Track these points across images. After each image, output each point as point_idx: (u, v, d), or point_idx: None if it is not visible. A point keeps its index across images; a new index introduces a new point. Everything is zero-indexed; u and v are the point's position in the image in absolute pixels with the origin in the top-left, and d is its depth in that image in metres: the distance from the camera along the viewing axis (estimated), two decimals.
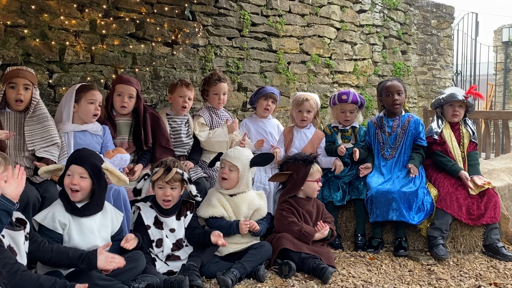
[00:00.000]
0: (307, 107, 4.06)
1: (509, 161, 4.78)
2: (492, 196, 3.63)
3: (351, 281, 3.08)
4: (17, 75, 3.16)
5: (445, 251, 3.49)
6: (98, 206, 2.78)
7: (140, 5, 4.50)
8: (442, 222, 3.57)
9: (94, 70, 4.26)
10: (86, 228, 2.70)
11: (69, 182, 2.69)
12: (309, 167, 3.47)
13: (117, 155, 3.36)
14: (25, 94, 3.18)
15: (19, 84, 3.16)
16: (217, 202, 3.29)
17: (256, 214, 3.36)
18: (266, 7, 5.52)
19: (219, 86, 4.14)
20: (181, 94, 3.95)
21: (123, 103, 3.66)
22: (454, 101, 3.83)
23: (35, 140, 3.17)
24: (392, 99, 3.89)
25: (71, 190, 2.68)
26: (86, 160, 2.73)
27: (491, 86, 12.64)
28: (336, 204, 3.80)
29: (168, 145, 3.78)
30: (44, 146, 3.17)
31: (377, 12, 6.88)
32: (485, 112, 7.90)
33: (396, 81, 3.96)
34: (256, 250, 3.14)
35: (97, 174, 2.74)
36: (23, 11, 3.87)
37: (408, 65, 7.41)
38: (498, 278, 3.20)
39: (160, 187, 3.05)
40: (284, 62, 5.70)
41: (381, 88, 3.98)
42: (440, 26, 7.91)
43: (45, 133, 3.19)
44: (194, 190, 3.14)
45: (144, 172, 3.12)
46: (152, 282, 2.71)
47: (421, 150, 3.86)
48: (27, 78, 3.20)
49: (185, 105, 3.95)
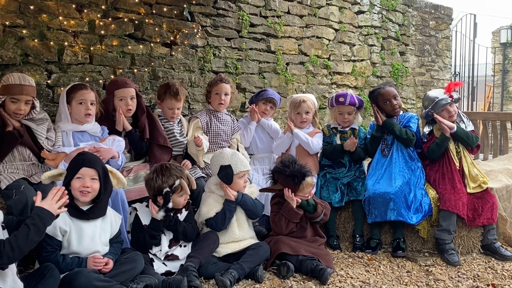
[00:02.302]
0: (305, 109, 4.09)
1: (507, 162, 4.80)
2: (490, 197, 3.64)
3: (349, 282, 3.08)
4: (20, 92, 3.13)
5: (458, 257, 3.48)
6: (103, 209, 2.79)
7: (139, 5, 4.50)
8: (449, 223, 3.56)
9: (93, 71, 4.25)
10: (86, 235, 2.70)
11: (80, 185, 2.68)
12: (299, 185, 3.36)
13: (109, 137, 3.37)
14: (26, 108, 3.20)
15: (21, 101, 3.15)
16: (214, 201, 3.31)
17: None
18: (265, 8, 5.53)
19: (221, 86, 4.13)
20: (170, 107, 3.88)
21: (128, 106, 3.64)
22: (444, 105, 3.82)
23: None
24: (391, 105, 3.89)
25: (81, 193, 2.68)
26: (96, 162, 2.76)
27: (489, 87, 12.67)
28: (335, 205, 3.81)
29: (166, 143, 3.77)
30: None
31: (376, 13, 6.89)
32: (483, 113, 7.93)
33: (388, 86, 3.92)
34: (254, 250, 3.14)
35: (105, 177, 2.78)
36: (22, 12, 3.87)
37: (407, 66, 7.43)
38: (496, 279, 3.21)
39: (181, 195, 3.11)
40: (282, 63, 5.70)
41: (376, 97, 3.95)
42: (438, 27, 7.92)
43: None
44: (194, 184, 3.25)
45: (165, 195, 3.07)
46: (151, 283, 2.71)
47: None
48: (30, 94, 3.19)
49: (174, 115, 3.92)
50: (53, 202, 2.33)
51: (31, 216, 2.27)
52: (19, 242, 2.20)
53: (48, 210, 2.30)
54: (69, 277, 2.53)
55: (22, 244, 2.21)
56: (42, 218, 2.27)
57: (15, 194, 2.83)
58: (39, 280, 2.46)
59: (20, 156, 3.18)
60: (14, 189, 2.89)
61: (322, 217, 3.45)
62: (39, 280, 2.46)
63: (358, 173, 3.97)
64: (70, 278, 2.52)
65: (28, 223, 2.24)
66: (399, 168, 3.81)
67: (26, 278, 2.49)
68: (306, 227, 3.44)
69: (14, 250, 2.19)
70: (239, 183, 3.32)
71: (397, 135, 3.82)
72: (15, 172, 3.09)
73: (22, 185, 2.92)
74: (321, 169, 4.05)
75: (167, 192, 3.01)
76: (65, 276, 2.55)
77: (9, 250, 2.18)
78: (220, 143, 4.11)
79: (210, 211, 3.24)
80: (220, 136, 4.11)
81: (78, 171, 2.70)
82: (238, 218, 3.32)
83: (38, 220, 2.26)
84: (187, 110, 4.89)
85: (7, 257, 2.19)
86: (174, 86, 3.86)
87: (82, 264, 2.64)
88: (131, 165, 3.67)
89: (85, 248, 2.69)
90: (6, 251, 2.17)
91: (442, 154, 3.80)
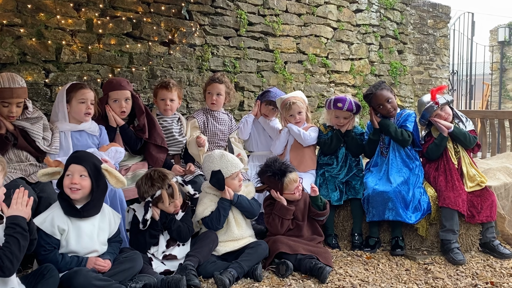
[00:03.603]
0: (296, 110, 4.10)
1: (505, 160, 4.81)
2: (489, 195, 3.65)
3: (348, 280, 3.08)
4: (10, 96, 3.08)
5: (462, 256, 3.48)
6: (97, 207, 2.77)
7: (136, 4, 4.48)
8: (452, 222, 3.56)
9: (91, 70, 4.24)
10: (84, 233, 2.69)
11: (69, 182, 2.68)
12: (281, 182, 3.38)
13: (112, 148, 3.36)
14: (18, 110, 3.16)
15: (12, 104, 3.11)
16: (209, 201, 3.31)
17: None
18: (263, 7, 5.52)
19: (213, 86, 4.13)
20: (162, 97, 3.91)
21: (121, 108, 3.64)
22: (433, 112, 3.79)
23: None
24: (385, 109, 3.87)
25: (71, 190, 2.67)
26: (84, 159, 2.74)
27: (487, 86, 12.68)
28: (333, 204, 3.81)
29: (163, 144, 3.76)
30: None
31: (374, 12, 6.89)
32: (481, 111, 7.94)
33: (380, 90, 3.86)
34: (253, 249, 3.14)
35: (96, 174, 2.74)
36: (19, 10, 3.85)
37: (405, 64, 7.42)
38: (495, 277, 3.21)
39: (169, 203, 3.05)
40: (281, 61, 5.70)
41: (370, 101, 3.93)
42: (436, 25, 7.92)
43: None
44: (191, 190, 3.18)
45: (146, 200, 3.04)
46: (149, 282, 2.71)
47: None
48: (20, 97, 3.14)
49: (167, 107, 3.91)
50: (19, 206, 2.36)
51: (10, 227, 2.30)
52: (15, 253, 2.27)
53: (20, 215, 2.33)
54: (68, 276, 2.53)
55: (18, 254, 2.29)
56: (19, 225, 2.31)
57: (13, 194, 2.81)
58: (38, 280, 2.47)
59: (16, 158, 3.16)
60: (12, 189, 2.87)
61: (323, 219, 3.47)
62: (38, 280, 2.47)
63: (357, 171, 3.97)
64: (69, 277, 2.52)
65: (12, 234, 2.29)
66: (397, 168, 3.81)
67: (26, 278, 2.49)
68: (302, 226, 3.44)
69: (13, 262, 2.27)
70: (234, 184, 3.32)
71: (392, 136, 3.83)
72: (12, 172, 3.07)
73: (20, 184, 2.91)
74: (319, 168, 4.05)
75: (147, 202, 2.99)
76: (64, 275, 2.55)
77: (9, 264, 2.25)
78: (217, 142, 4.11)
79: (205, 210, 3.24)
80: (217, 136, 4.11)
81: (67, 168, 2.71)
82: (235, 217, 3.33)
83: (18, 227, 2.30)
84: (186, 109, 4.88)
85: (8, 270, 2.26)
86: (165, 79, 3.97)
87: (82, 264, 2.64)
88: (129, 163, 3.67)
89: (83, 247, 2.68)
90: (6, 265, 2.24)
91: (441, 154, 3.81)
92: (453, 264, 3.44)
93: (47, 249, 2.60)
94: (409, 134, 3.82)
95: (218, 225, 3.23)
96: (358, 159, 4.09)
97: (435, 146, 3.79)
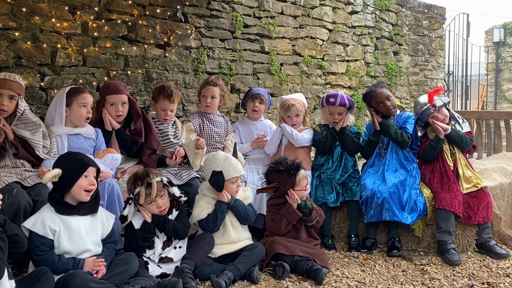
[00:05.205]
0: (295, 112, 4.12)
1: (500, 160, 4.82)
2: (485, 195, 3.65)
3: (344, 282, 3.08)
4: (3, 86, 3.08)
5: (458, 257, 3.48)
6: (95, 205, 2.81)
7: (132, 7, 4.48)
8: (448, 224, 3.57)
9: (86, 73, 4.23)
10: (75, 233, 2.69)
11: (87, 183, 2.72)
12: (295, 178, 3.42)
13: (108, 155, 3.35)
14: (9, 105, 3.13)
15: (4, 95, 3.09)
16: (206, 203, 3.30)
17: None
18: (259, 9, 5.53)
19: (207, 88, 4.12)
20: (163, 107, 3.86)
21: (118, 112, 3.63)
22: (430, 115, 3.81)
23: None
24: (385, 107, 3.90)
25: (87, 192, 2.72)
26: (91, 160, 2.84)
27: (482, 86, 12.72)
28: (330, 206, 3.81)
29: (159, 148, 3.76)
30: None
31: (369, 13, 6.91)
32: (477, 112, 7.96)
33: (379, 88, 3.90)
34: (249, 251, 3.14)
35: (98, 175, 2.86)
36: (14, 14, 3.84)
37: (400, 65, 7.44)
38: (491, 278, 3.22)
39: (150, 202, 3.04)
40: (276, 63, 5.70)
41: (369, 100, 3.95)
42: (431, 27, 7.95)
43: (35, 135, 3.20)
44: (177, 192, 3.15)
45: (127, 197, 3.07)
46: (146, 285, 2.70)
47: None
48: (13, 89, 3.12)
49: (167, 118, 3.90)
50: None
51: None
52: (3, 256, 2.26)
53: None
54: (64, 279, 2.52)
55: (3, 257, 2.27)
56: None
57: (8, 198, 2.80)
58: (33, 283, 2.45)
59: (12, 164, 3.14)
60: (7, 193, 2.86)
61: (314, 223, 3.47)
62: (33, 283, 2.45)
63: (353, 172, 3.97)
64: (65, 280, 2.51)
65: None
66: (394, 169, 3.82)
67: (20, 281, 2.48)
68: (300, 229, 3.44)
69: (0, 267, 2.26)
70: (231, 188, 3.31)
71: (392, 137, 3.84)
72: (7, 175, 3.06)
73: (15, 188, 2.90)
74: (315, 170, 4.06)
75: (127, 198, 3.03)
76: (60, 278, 2.54)
77: None
78: (214, 144, 4.11)
79: (202, 213, 3.23)
80: (213, 138, 4.10)
81: (85, 170, 2.73)
82: (232, 220, 3.32)
83: None
84: (182, 112, 4.88)
85: None
86: (169, 87, 3.85)
87: (79, 265, 2.63)
88: (125, 166, 3.66)
89: (75, 246, 2.67)
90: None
91: (437, 155, 3.81)
92: (450, 264, 3.44)
93: (42, 249, 2.59)
94: (409, 136, 3.84)
95: (214, 228, 3.22)
96: (354, 159, 4.09)
97: (431, 147, 3.80)
